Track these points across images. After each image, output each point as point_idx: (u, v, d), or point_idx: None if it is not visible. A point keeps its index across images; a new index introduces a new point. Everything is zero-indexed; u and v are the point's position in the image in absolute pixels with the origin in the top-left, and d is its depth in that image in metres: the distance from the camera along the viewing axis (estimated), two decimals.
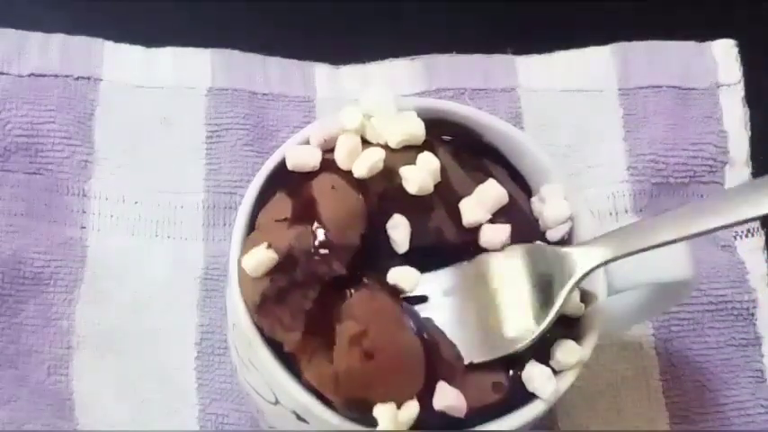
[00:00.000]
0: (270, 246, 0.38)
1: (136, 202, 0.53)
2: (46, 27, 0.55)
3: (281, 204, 0.41)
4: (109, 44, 0.56)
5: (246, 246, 0.40)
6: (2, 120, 0.53)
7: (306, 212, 0.39)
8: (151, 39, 0.56)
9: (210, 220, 0.53)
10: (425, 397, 0.39)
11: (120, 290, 0.51)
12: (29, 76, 0.54)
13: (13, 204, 0.52)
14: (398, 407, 0.38)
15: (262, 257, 0.38)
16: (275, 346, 0.39)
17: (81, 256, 0.52)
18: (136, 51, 0.56)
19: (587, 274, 0.39)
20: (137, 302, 0.51)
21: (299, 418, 0.39)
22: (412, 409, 0.38)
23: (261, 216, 0.41)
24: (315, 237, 0.39)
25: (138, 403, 0.50)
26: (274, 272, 0.38)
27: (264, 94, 0.55)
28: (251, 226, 0.41)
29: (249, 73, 0.56)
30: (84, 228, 0.52)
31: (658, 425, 0.51)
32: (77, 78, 0.55)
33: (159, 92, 0.55)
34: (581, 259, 0.39)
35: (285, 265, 0.38)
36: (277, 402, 0.40)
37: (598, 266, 0.39)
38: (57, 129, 0.53)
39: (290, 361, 0.39)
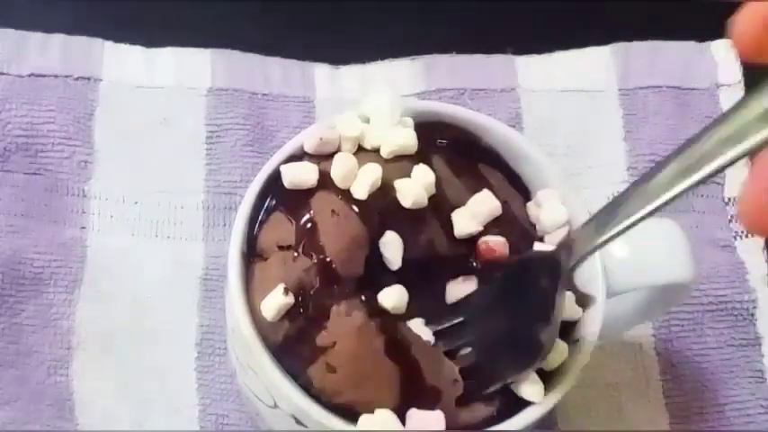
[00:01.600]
0: (287, 291, 0.39)
1: (136, 202, 0.53)
2: (46, 27, 0.55)
3: (282, 226, 0.41)
4: (109, 44, 0.56)
5: (256, 279, 0.41)
6: (2, 120, 0.53)
7: (310, 241, 0.40)
8: (151, 39, 0.56)
9: (210, 221, 0.53)
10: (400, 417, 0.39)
11: (120, 290, 0.51)
12: (29, 76, 0.54)
13: (13, 204, 0.52)
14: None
15: (280, 303, 0.39)
16: (273, 350, 0.40)
17: (81, 256, 0.52)
18: (136, 51, 0.56)
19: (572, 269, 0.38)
20: (137, 302, 0.51)
21: (297, 421, 0.39)
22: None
23: (262, 237, 0.41)
24: (322, 271, 0.39)
25: (138, 403, 0.49)
26: (291, 312, 0.39)
27: (264, 95, 0.55)
28: (249, 234, 0.41)
29: (249, 73, 0.56)
30: (84, 228, 0.52)
31: (658, 425, 0.51)
32: (77, 78, 0.55)
33: (159, 92, 0.55)
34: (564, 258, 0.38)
35: (298, 303, 0.39)
36: (276, 406, 0.40)
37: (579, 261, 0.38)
38: (57, 129, 0.53)
39: (287, 364, 0.39)
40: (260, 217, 0.42)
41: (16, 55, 0.54)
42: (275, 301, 0.39)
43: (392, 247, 0.40)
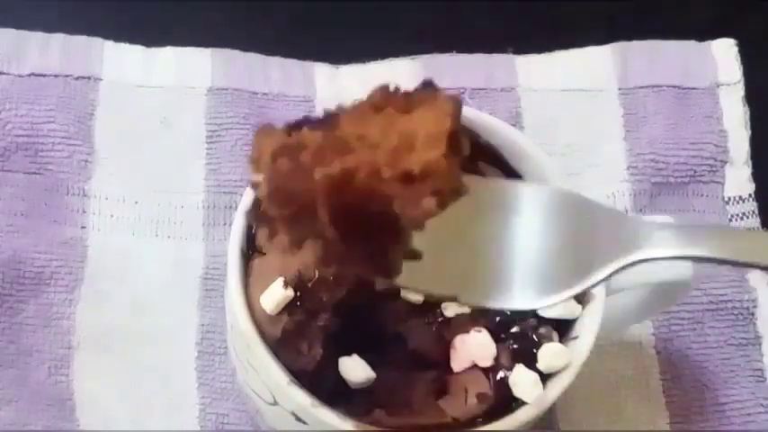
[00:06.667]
0: (286, 284, 0.39)
1: (136, 202, 0.53)
2: (46, 27, 0.55)
3: None
4: (109, 44, 0.56)
5: (255, 273, 0.41)
6: (2, 120, 0.53)
7: None
8: (151, 39, 0.56)
9: (210, 220, 0.53)
10: None
11: (120, 290, 0.51)
12: (29, 75, 0.54)
13: (13, 204, 0.52)
14: None
15: (280, 297, 0.39)
16: (272, 344, 0.40)
17: (81, 256, 0.52)
18: (136, 51, 0.56)
19: (655, 259, 0.36)
20: (137, 302, 0.51)
21: (297, 419, 0.40)
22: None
23: (261, 232, 0.41)
24: None
25: (139, 403, 0.49)
26: (289, 306, 0.39)
27: (264, 94, 0.55)
28: (249, 231, 0.41)
29: (249, 73, 0.56)
30: (85, 228, 0.52)
31: (658, 425, 0.51)
32: (77, 78, 0.55)
33: (159, 92, 0.55)
34: (654, 239, 0.36)
35: (297, 296, 0.39)
36: (275, 403, 0.40)
37: (674, 258, 0.36)
38: (57, 129, 0.53)
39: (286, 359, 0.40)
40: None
41: (16, 55, 0.54)
42: (275, 295, 0.39)
43: None
